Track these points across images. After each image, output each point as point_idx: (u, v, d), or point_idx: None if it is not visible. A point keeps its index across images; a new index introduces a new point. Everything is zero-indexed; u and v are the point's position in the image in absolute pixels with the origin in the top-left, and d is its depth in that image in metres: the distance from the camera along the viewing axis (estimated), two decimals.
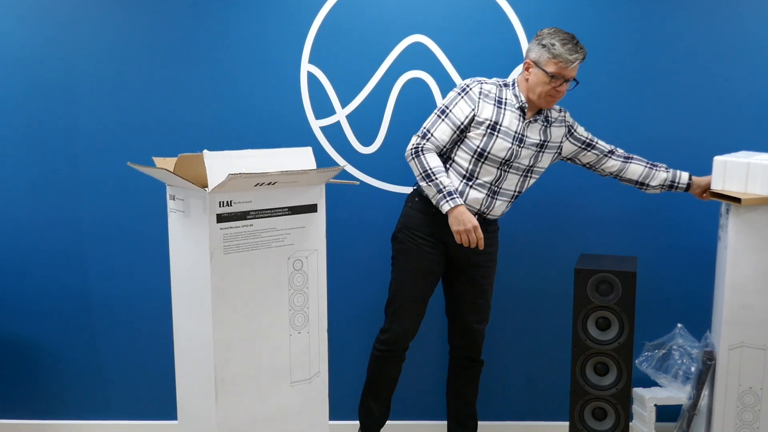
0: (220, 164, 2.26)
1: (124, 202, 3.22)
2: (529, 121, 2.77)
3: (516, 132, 2.74)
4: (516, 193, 2.86)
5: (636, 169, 2.87)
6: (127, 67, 3.15)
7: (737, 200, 2.59)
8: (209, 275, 2.30)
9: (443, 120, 2.74)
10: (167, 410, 3.20)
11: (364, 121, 3.18)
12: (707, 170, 2.80)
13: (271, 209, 2.41)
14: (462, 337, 2.97)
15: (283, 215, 2.44)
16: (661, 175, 2.87)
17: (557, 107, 2.85)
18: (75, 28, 3.13)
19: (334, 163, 3.17)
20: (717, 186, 2.73)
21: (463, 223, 2.67)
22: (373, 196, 3.20)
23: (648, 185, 2.89)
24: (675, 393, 2.94)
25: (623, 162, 2.88)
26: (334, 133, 3.19)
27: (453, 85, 3.11)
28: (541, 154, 2.81)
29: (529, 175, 2.84)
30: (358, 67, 3.14)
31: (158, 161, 2.55)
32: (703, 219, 3.10)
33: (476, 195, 2.78)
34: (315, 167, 2.51)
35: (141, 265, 3.25)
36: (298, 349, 2.54)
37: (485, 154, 2.73)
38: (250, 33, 3.13)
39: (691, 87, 3.10)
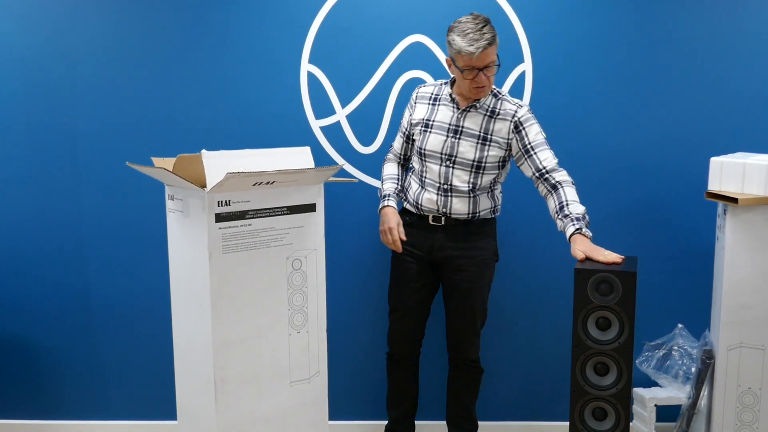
0: (218, 164, 2.26)
1: (123, 202, 3.22)
2: (466, 111, 2.74)
3: (450, 124, 2.76)
4: (472, 190, 2.77)
5: (550, 206, 2.72)
6: (127, 67, 3.16)
7: (734, 201, 2.59)
8: (208, 275, 2.30)
9: (399, 131, 2.95)
10: (167, 410, 3.21)
11: (364, 121, 3.19)
12: (704, 170, 2.80)
13: (269, 209, 2.41)
14: (451, 337, 2.98)
15: (281, 215, 2.44)
16: (558, 222, 2.68)
17: (514, 100, 2.78)
18: (75, 28, 3.14)
19: (334, 163, 3.17)
20: (714, 187, 2.73)
21: (383, 223, 2.79)
22: (373, 196, 3.19)
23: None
24: (675, 393, 2.94)
25: (546, 193, 2.73)
26: (334, 133, 3.20)
27: None
28: (486, 147, 2.74)
29: (480, 171, 2.76)
30: (358, 67, 3.14)
31: (157, 161, 2.55)
32: (704, 219, 3.10)
33: (429, 195, 2.80)
34: (313, 166, 2.51)
35: (140, 265, 3.26)
36: (298, 348, 2.54)
37: (423, 151, 2.78)
38: (250, 33, 3.13)
39: (689, 88, 3.10)
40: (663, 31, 3.08)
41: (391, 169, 2.96)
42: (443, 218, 2.81)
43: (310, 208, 2.51)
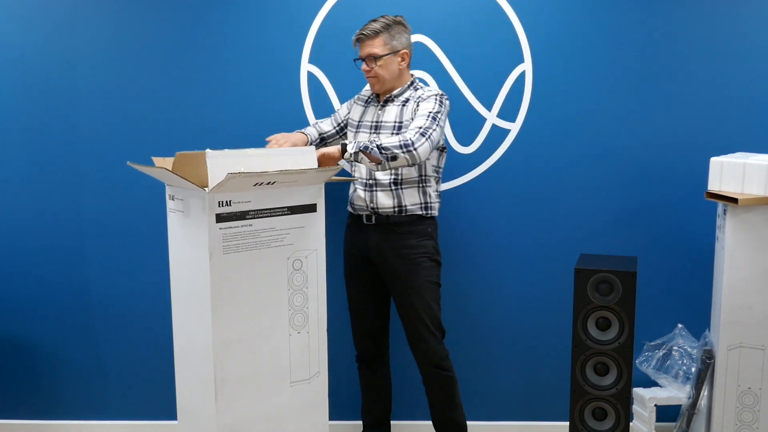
0: (222, 164, 2.26)
1: (123, 202, 3.22)
2: (385, 105, 2.84)
3: (372, 121, 2.84)
4: (395, 183, 2.79)
5: None
6: (127, 67, 3.16)
7: (734, 201, 2.59)
8: (209, 275, 2.30)
9: (332, 116, 3.07)
10: (167, 410, 3.21)
11: None
12: (704, 170, 2.80)
13: (270, 209, 2.41)
14: (408, 340, 2.92)
15: (282, 215, 2.44)
16: None
17: (430, 88, 2.85)
18: (75, 28, 3.14)
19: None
20: (714, 187, 2.73)
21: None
22: None
23: None
24: (675, 393, 2.94)
25: None
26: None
27: (453, 84, 3.13)
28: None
29: None
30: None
31: (157, 161, 2.55)
32: (704, 219, 3.10)
33: (359, 192, 2.85)
34: (316, 167, 2.51)
35: (141, 265, 3.25)
36: (298, 349, 2.54)
37: None
38: (250, 33, 3.13)
39: (689, 88, 3.10)
40: (663, 31, 3.08)
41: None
42: (374, 216, 2.83)
43: (311, 208, 2.51)
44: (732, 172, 2.68)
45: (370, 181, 2.82)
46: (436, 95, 2.75)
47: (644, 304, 3.04)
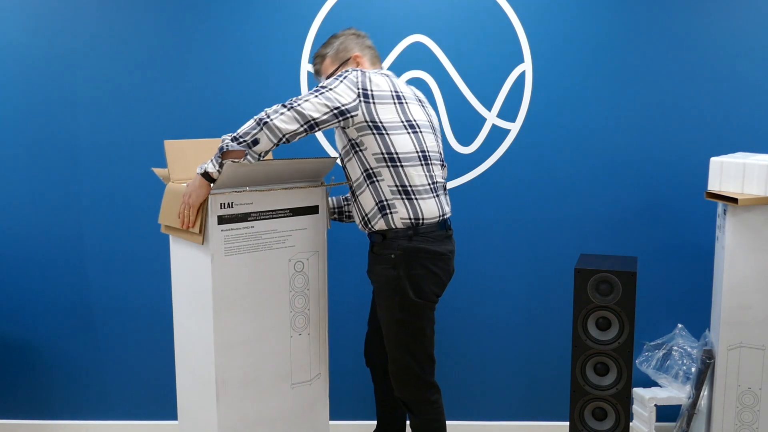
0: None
1: (124, 202, 3.21)
2: None
3: None
4: (352, 191, 2.53)
5: None
6: (127, 67, 3.15)
7: (734, 201, 2.60)
8: (210, 277, 2.30)
9: None
10: (167, 410, 3.21)
11: None
12: (704, 170, 2.81)
13: (272, 211, 2.41)
14: None
15: (284, 217, 2.44)
16: None
17: None
18: (74, 29, 3.13)
19: None
20: (714, 187, 2.74)
21: None
22: None
23: None
24: (675, 393, 2.95)
25: None
26: (334, 132, 3.19)
27: (453, 84, 3.12)
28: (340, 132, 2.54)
29: (343, 160, 2.53)
30: None
31: (158, 172, 2.56)
32: (704, 219, 3.11)
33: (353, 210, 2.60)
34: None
35: (142, 265, 3.25)
36: (299, 350, 2.54)
37: None
38: (250, 33, 3.12)
39: (689, 88, 3.10)
40: (663, 31, 3.08)
41: None
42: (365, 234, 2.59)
43: (313, 210, 2.51)
44: (732, 172, 2.68)
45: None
46: (340, 74, 2.41)
47: (644, 304, 3.04)
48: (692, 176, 3.07)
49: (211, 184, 2.26)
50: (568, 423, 2.86)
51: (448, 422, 3.10)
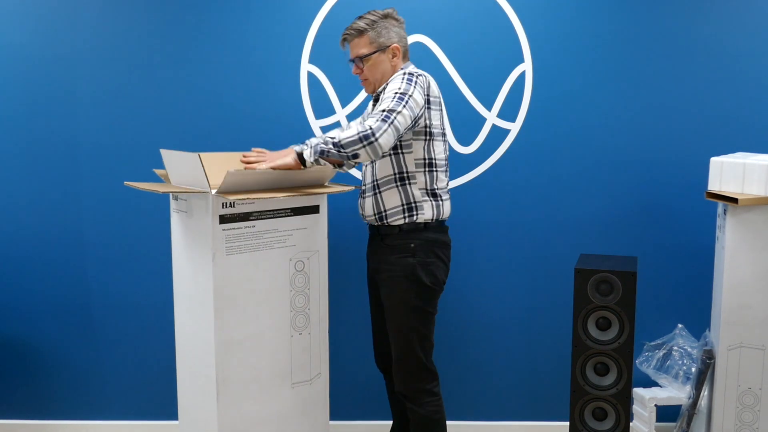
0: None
1: (126, 201, 3.21)
2: (375, 105, 2.65)
3: None
4: (376, 186, 2.55)
5: None
6: (127, 67, 3.15)
7: (734, 201, 2.60)
8: (211, 276, 2.30)
9: None
10: (167, 410, 3.21)
11: None
12: (704, 170, 2.81)
13: (273, 210, 2.41)
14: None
15: (285, 216, 2.44)
16: None
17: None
18: (74, 29, 3.13)
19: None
20: (714, 187, 2.74)
21: None
22: None
23: None
24: (675, 393, 2.95)
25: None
26: None
27: (453, 84, 3.13)
28: None
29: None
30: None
31: (159, 173, 2.56)
32: (704, 219, 3.11)
33: (359, 199, 2.68)
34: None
35: (143, 265, 3.25)
36: (299, 350, 2.54)
37: None
38: (250, 33, 3.12)
39: (689, 88, 3.10)
40: (663, 31, 3.08)
41: None
42: (368, 226, 2.67)
43: (314, 209, 2.51)
44: (732, 172, 2.68)
45: (363, 186, 2.65)
46: (404, 74, 2.43)
47: (644, 304, 3.05)
48: (692, 176, 3.07)
49: (302, 166, 2.34)
50: (568, 423, 2.86)
51: (448, 422, 3.11)
